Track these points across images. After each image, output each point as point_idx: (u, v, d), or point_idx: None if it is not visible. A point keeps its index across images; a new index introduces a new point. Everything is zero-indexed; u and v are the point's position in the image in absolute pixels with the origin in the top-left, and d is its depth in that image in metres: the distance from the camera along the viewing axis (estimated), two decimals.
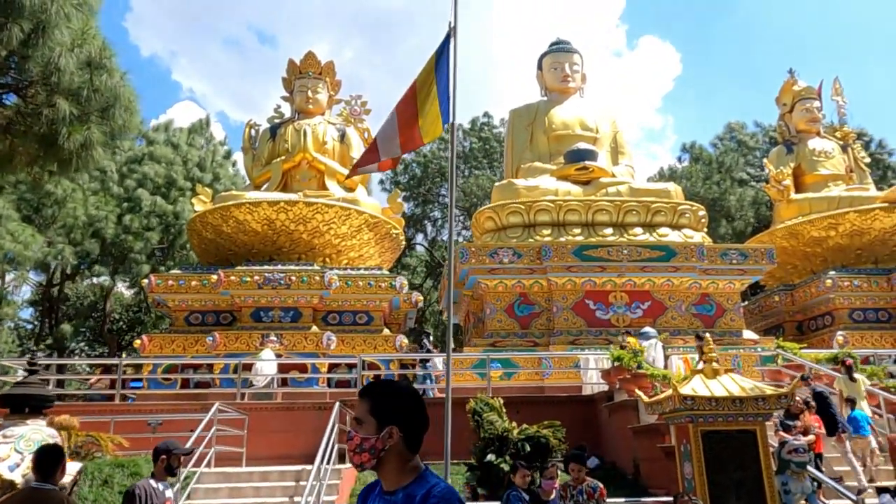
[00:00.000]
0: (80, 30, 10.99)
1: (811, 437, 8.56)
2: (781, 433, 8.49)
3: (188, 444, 8.56)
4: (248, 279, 17.35)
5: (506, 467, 8.91)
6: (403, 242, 22.36)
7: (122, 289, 31.20)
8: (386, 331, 18.18)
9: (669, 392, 7.10)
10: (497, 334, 18.45)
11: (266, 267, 17.81)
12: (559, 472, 7.33)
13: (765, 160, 24.67)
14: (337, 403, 10.15)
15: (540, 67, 25.42)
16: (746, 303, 24.49)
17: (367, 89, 73.11)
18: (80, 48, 10.91)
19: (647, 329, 16.25)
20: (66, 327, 24.30)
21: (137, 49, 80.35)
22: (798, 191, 23.59)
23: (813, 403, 9.24)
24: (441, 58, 9.34)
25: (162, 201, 23.57)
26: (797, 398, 8.76)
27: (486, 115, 42.56)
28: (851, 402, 10.05)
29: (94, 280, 25.44)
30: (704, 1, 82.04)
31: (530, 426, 9.34)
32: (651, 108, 78.09)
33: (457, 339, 25.90)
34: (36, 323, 35.28)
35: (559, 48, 25.12)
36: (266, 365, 15.86)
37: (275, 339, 16.82)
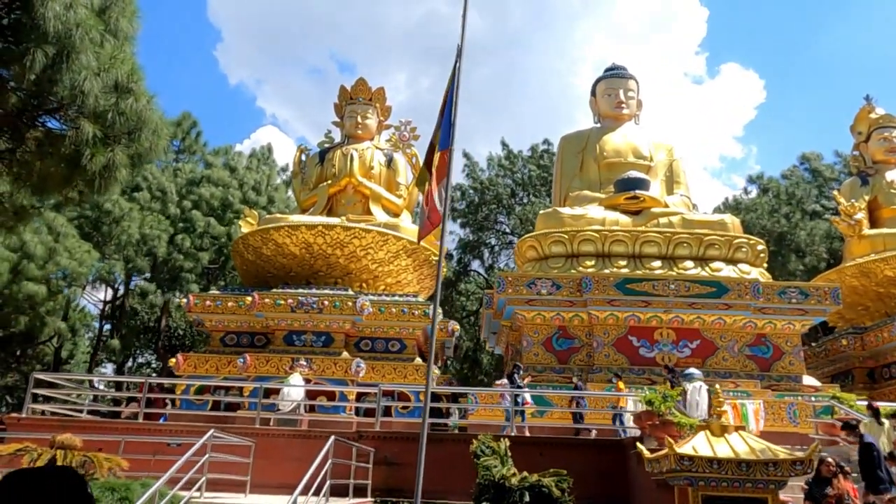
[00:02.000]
0: (110, 55, 11.29)
1: None
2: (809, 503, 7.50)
3: (172, 470, 8.38)
4: (282, 302, 17.36)
5: None
6: (445, 270, 21.95)
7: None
8: (418, 360, 17.76)
9: (666, 450, 6.35)
10: (533, 368, 17.69)
11: (300, 290, 17.79)
12: None
13: (835, 192, 22.99)
14: (332, 437, 9.77)
15: (594, 93, 24.77)
16: (812, 345, 22.72)
17: None
18: (107, 72, 11.19)
19: (692, 370, 15.13)
20: (115, 342, 25.08)
21: (226, 78, 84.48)
22: (874, 226, 21.84)
23: (847, 468, 8.14)
24: (452, 82, 9.06)
25: (215, 223, 24.20)
26: (829, 459, 7.74)
27: (545, 141, 41.91)
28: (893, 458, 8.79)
29: (149, 297, 26.34)
30: (788, 27, 78.91)
31: (532, 474, 8.67)
32: (732, 137, 75.20)
33: (500, 371, 25.21)
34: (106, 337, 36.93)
35: (614, 73, 24.41)
36: (293, 390, 15.73)
37: (304, 363, 16.68)
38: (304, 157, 23.62)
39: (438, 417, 18.43)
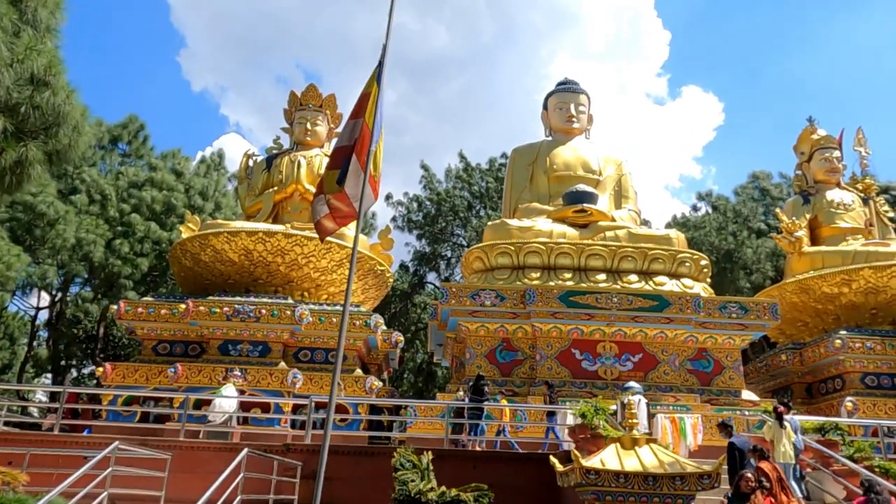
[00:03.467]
0: (26, 45, 10.76)
1: None
2: None
3: (65, 484, 7.86)
4: (217, 310, 16.80)
5: None
6: (392, 280, 21.63)
7: None
8: (358, 371, 17.36)
9: (573, 464, 6.14)
10: (475, 380, 17.43)
11: (236, 298, 17.27)
12: None
13: (777, 210, 23.41)
14: (245, 450, 9.33)
15: (545, 107, 24.87)
16: (754, 361, 23.00)
17: (411, 132, 73.46)
18: (22, 63, 10.66)
19: (632, 384, 15.11)
20: (42, 351, 24.00)
21: (188, 84, 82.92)
22: (815, 243, 22.24)
23: (767, 484, 8.07)
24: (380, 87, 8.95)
25: (156, 227, 23.42)
26: (748, 474, 7.63)
27: (503, 155, 41.99)
28: (759, 453, 9.07)
29: (84, 304, 25.32)
30: (747, 53, 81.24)
31: (452, 489, 8.37)
32: (692, 158, 76.90)
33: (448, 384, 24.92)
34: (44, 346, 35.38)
35: (566, 88, 24.55)
36: (225, 401, 15.17)
37: (239, 373, 16.16)
38: (251, 163, 23.08)
39: (380, 430, 18.08)
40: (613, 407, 15.11)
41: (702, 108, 76.41)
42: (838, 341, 17.97)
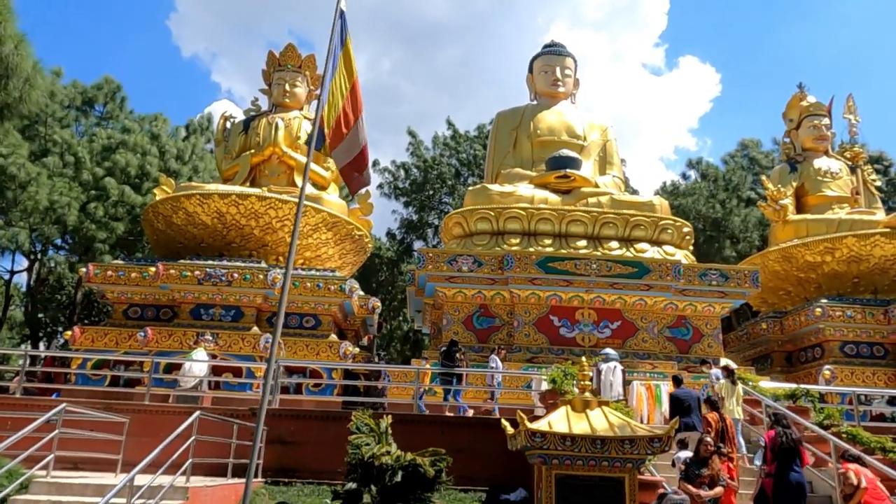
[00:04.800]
0: None
1: (717, 490, 7.20)
2: (684, 483, 7.18)
3: (6, 443, 7.62)
4: (189, 274, 16.47)
5: (368, 499, 7.77)
6: (370, 245, 21.29)
7: None
8: (333, 336, 17.12)
9: (520, 427, 5.90)
10: (448, 346, 17.25)
11: (209, 262, 16.92)
12: None
13: (763, 177, 23.09)
14: (197, 412, 9.08)
15: (531, 70, 24.30)
16: (736, 330, 22.92)
17: (407, 101, 72.35)
18: None
19: (608, 350, 14.95)
20: (17, 314, 23.68)
21: (178, 49, 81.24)
22: (801, 212, 21.98)
23: (725, 449, 7.90)
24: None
25: (131, 191, 22.90)
26: (708, 439, 7.45)
27: (493, 122, 41.33)
28: (710, 404, 9.62)
29: (58, 268, 24.89)
30: (745, 24, 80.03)
31: (408, 453, 8.16)
32: (687, 130, 76.16)
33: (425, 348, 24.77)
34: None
35: (551, 50, 23.96)
36: (196, 365, 14.94)
37: (210, 338, 15.89)
38: (228, 126, 22.53)
39: (355, 395, 17.82)
40: (590, 373, 15.07)
41: (699, 80, 75.59)
42: (819, 310, 17.82)
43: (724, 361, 17.60)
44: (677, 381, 11.60)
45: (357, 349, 19.40)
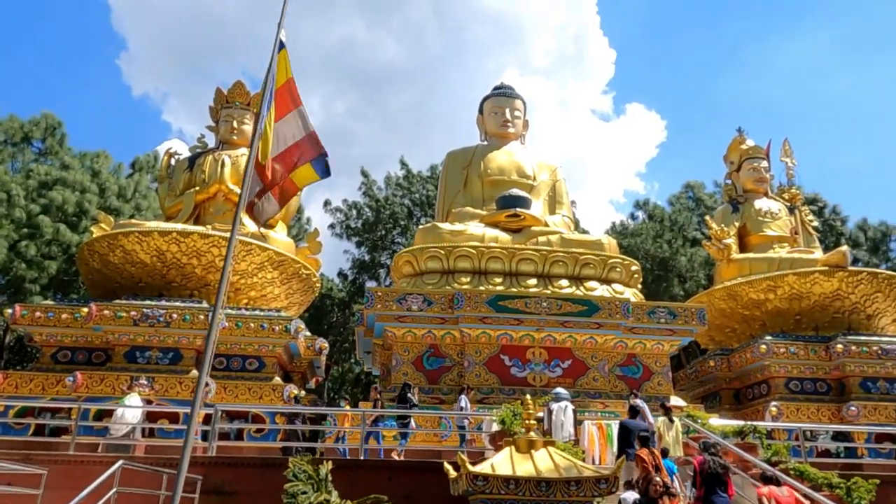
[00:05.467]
0: None
1: None
2: None
3: None
4: (124, 314, 15.69)
5: None
6: (318, 285, 20.81)
7: None
8: (277, 379, 16.47)
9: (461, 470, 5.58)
10: (401, 389, 16.80)
11: (146, 302, 16.18)
12: None
13: (707, 218, 23.66)
14: (119, 462, 8.46)
15: (481, 111, 24.60)
16: (685, 368, 23.10)
17: (360, 143, 72.17)
18: None
19: (559, 390, 14.77)
20: None
21: (129, 89, 79.70)
22: (743, 251, 22.50)
23: (675, 490, 7.72)
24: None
25: (66, 230, 21.93)
26: (657, 479, 7.26)
27: (444, 161, 41.61)
28: (642, 441, 9.46)
29: None
30: (689, 74, 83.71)
31: (346, 501, 7.71)
32: (635, 174, 78.49)
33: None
34: None
35: (501, 92, 24.34)
36: (129, 412, 14.12)
37: (145, 382, 15.10)
38: (172, 162, 21.96)
39: (299, 441, 17.08)
40: (541, 414, 14.82)
41: (645, 126, 78.23)
42: (763, 346, 18.08)
43: (674, 400, 17.64)
44: (633, 412, 11.75)
45: (303, 392, 18.76)
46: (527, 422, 6.17)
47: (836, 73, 77.64)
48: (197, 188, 20.48)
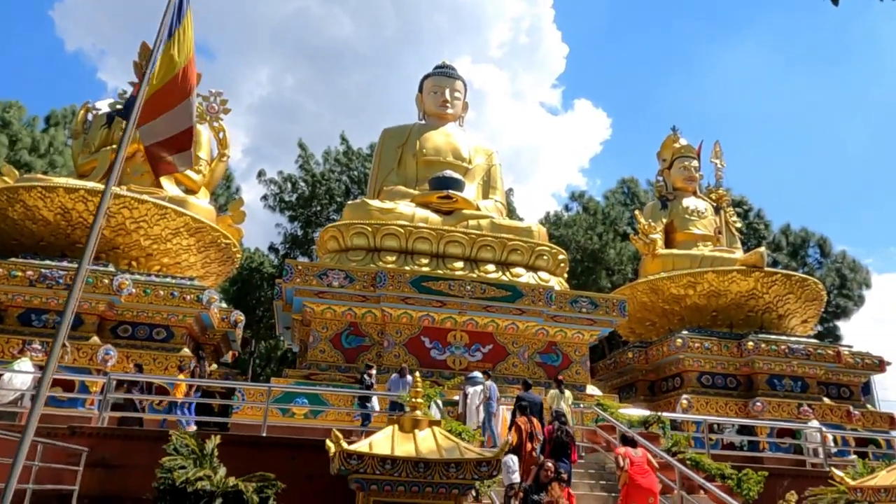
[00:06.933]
0: None
1: None
2: None
3: None
4: (19, 273, 14.66)
5: None
6: (239, 255, 20.03)
7: None
8: (186, 350, 15.74)
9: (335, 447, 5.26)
10: (317, 366, 16.39)
11: (45, 262, 15.16)
12: None
13: (636, 212, 24.00)
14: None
15: (421, 89, 24.13)
16: (605, 359, 23.47)
17: (307, 120, 70.11)
18: None
19: (475, 374, 14.64)
20: None
21: (62, 42, 75.01)
22: (670, 247, 22.94)
23: (564, 475, 7.66)
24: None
25: None
26: (548, 464, 7.14)
27: (379, 138, 40.90)
28: (520, 409, 10.40)
29: None
30: (636, 75, 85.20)
31: (232, 478, 7.29)
32: (578, 169, 79.55)
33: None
34: None
35: (442, 72, 23.92)
36: (18, 377, 13.20)
37: (39, 346, 14.20)
38: (89, 117, 20.69)
39: (208, 415, 16.44)
40: (457, 397, 14.65)
41: (591, 123, 79.35)
42: (679, 340, 18.46)
43: (589, 389, 17.82)
44: (526, 385, 12.44)
45: (215, 366, 18.08)
46: (413, 400, 5.91)
47: (772, 86, 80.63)
48: (114, 146, 19.32)
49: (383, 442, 5.29)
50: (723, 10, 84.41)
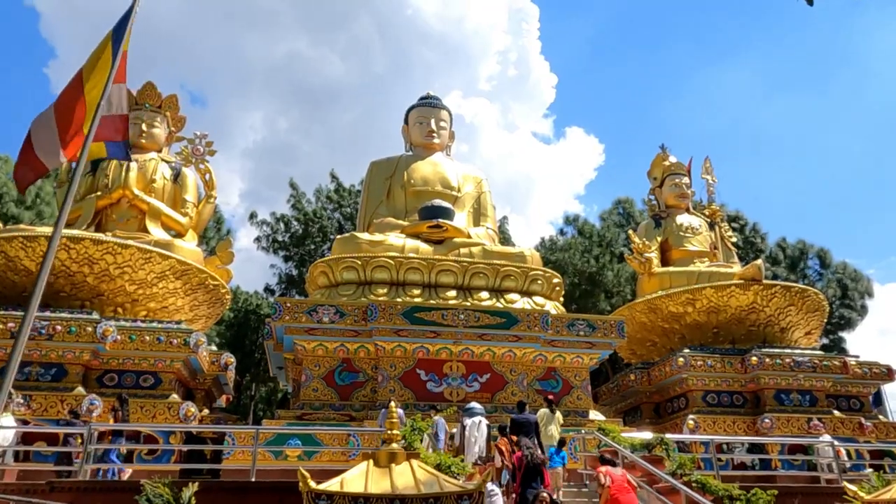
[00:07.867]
0: None
1: None
2: None
3: None
4: (0, 326, 14.31)
5: None
6: (228, 297, 19.69)
7: None
8: (174, 396, 15.31)
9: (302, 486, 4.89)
10: (310, 405, 15.94)
11: (21, 312, 14.79)
12: None
13: (630, 231, 23.76)
14: None
15: (406, 121, 24.08)
16: (608, 382, 22.97)
17: (302, 161, 70.44)
18: None
19: (473, 404, 14.18)
20: None
21: (55, 98, 75.62)
22: (666, 265, 22.62)
23: (559, 501, 7.25)
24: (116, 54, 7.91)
25: None
26: (544, 494, 6.74)
27: (367, 171, 40.88)
28: (501, 430, 11.08)
29: None
30: (627, 101, 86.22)
31: None
32: (574, 196, 79.98)
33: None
34: None
35: (427, 102, 23.90)
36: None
37: (21, 400, 13.73)
38: (73, 166, 20.54)
39: (200, 462, 15.95)
40: (454, 430, 14.16)
41: (584, 149, 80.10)
42: (681, 359, 18.02)
43: (592, 414, 17.32)
44: (521, 406, 12.67)
45: (206, 411, 17.61)
46: (389, 432, 5.55)
47: (764, 105, 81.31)
48: (99, 193, 19.19)
49: (357, 479, 4.93)
50: (709, 36, 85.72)
